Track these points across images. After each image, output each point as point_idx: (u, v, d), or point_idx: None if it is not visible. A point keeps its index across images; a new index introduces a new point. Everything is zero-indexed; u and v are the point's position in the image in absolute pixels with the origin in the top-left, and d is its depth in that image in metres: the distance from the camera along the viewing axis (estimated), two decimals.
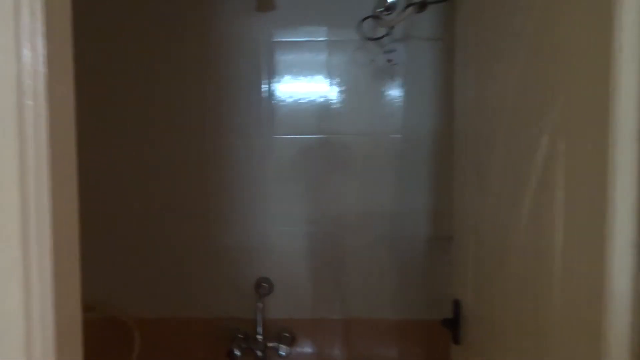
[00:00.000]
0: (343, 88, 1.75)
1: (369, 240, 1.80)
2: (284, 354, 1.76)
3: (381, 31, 1.63)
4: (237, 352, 1.74)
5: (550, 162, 0.76)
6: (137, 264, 1.84)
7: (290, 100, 1.76)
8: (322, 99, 1.75)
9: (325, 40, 1.73)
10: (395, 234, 1.79)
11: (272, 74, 1.75)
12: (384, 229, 1.79)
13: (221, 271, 1.83)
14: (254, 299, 1.79)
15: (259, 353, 1.76)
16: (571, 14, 0.72)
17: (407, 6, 1.45)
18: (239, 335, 1.82)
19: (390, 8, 1.62)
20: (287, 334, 1.83)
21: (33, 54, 0.57)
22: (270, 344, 1.79)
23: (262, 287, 1.81)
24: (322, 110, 1.76)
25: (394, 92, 1.73)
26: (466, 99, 1.24)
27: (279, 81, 1.76)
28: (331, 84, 1.75)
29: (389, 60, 1.59)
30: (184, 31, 1.75)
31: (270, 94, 1.76)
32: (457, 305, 1.13)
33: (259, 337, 1.77)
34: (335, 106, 1.75)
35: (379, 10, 1.60)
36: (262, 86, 1.75)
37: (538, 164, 0.80)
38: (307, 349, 1.85)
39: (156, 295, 1.85)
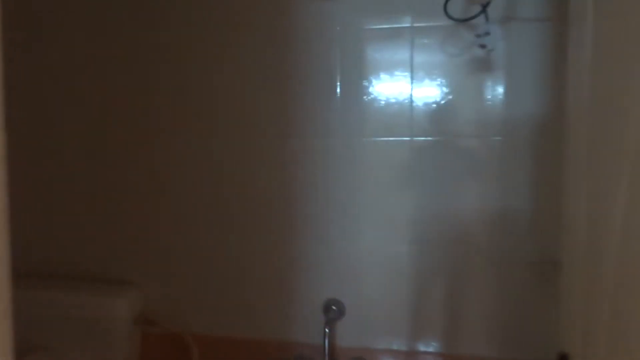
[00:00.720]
0: (432, 84, 1.49)
1: (462, 263, 1.52)
2: None
3: (473, 11, 1.36)
4: None
5: None
6: (200, 279, 1.70)
7: (371, 98, 1.52)
8: (406, 97, 1.50)
9: (409, 27, 1.49)
10: (493, 255, 1.49)
11: (349, 69, 1.53)
12: (481, 248, 1.50)
13: (288, 289, 1.64)
14: (322, 322, 1.56)
15: None
16: None
17: None
18: None
19: None
20: None
21: None
22: None
23: (332, 311, 1.59)
24: (408, 110, 1.51)
25: (492, 85, 1.44)
26: (582, 90, 0.95)
27: (358, 78, 1.53)
28: (417, 80, 1.49)
29: (483, 46, 1.31)
30: (254, 22, 1.58)
31: (347, 92, 1.54)
32: (563, 359, 0.84)
33: None
34: (423, 105, 1.50)
35: None
36: (337, 83, 1.54)
37: None
38: None
39: (217, 312, 1.70)
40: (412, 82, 1.50)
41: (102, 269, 1.75)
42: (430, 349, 1.57)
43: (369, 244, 1.57)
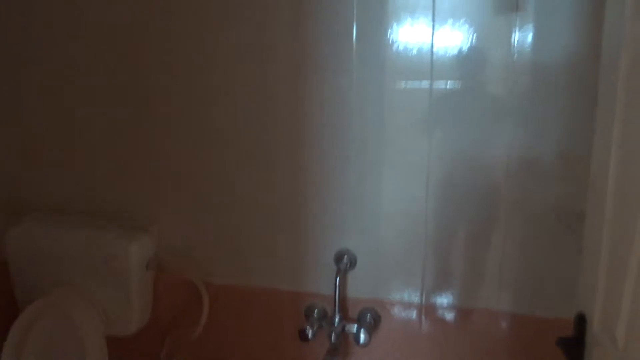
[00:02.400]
0: (455, 25, 1.37)
1: (483, 211, 1.45)
2: (363, 342, 1.49)
3: None
4: (309, 333, 1.50)
5: None
6: (213, 225, 1.67)
7: (389, 41, 1.42)
8: (427, 39, 1.39)
9: None
10: (517, 204, 1.41)
11: (366, 9, 1.42)
12: (504, 196, 1.42)
13: (302, 237, 1.60)
14: (334, 272, 1.53)
15: (333, 338, 1.51)
16: None
17: None
18: (315, 315, 1.59)
19: None
20: (369, 317, 1.56)
21: None
22: (348, 328, 1.53)
23: (343, 261, 1.55)
24: (428, 52, 1.40)
25: (520, 25, 1.32)
26: (621, 29, 0.85)
27: (376, 18, 1.42)
28: (439, 21, 1.38)
29: None
30: None
31: (364, 33, 1.44)
32: (581, 321, 0.78)
33: (336, 318, 1.52)
34: (444, 47, 1.38)
35: None
36: (354, 28, 1.44)
37: None
38: (393, 337, 1.57)
39: (229, 261, 1.68)
40: (433, 23, 1.39)
41: (118, 208, 1.74)
42: (445, 302, 1.52)
43: (386, 189, 1.50)
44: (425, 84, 1.41)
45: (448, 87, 1.41)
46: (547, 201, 1.39)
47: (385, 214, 1.52)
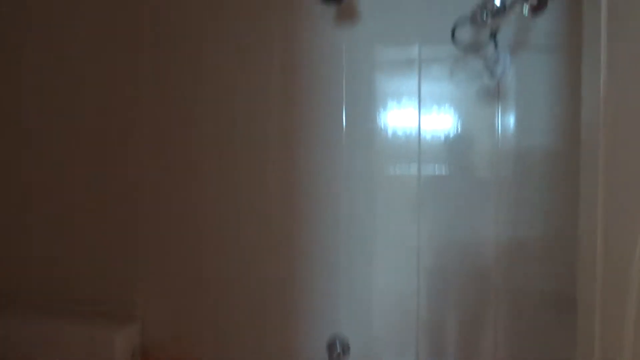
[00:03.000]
0: (440, 114, 1.44)
1: (474, 295, 1.45)
2: None
3: (481, 39, 1.32)
4: None
5: None
6: (201, 309, 1.64)
7: (377, 129, 1.48)
8: (414, 127, 1.46)
9: (417, 55, 1.45)
10: (507, 287, 1.42)
11: (355, 98, 1.49)
12: (494, 280, 1.43)
13: (293, 324, 1.57)
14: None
15: None
16: None
17: (515, 2, 1.14)
18: None
19: (494, 13, 1.32)
20: None
21: None
22: None
23: (335, 349, 1.52)
24: (415, 140, 1.46)
25: (503, 114, 1.40)
26: (597, 117, 0.91)
27: (365, 107, 1.49)
28: (426, 109, 1.45)
29: (491, 74, 1.27)
30: (264, 48, 1.55)
31: (353, 122, 1.50)
32: None
33: None
34: (431, 135, 1.45)
35: (480, 13, 1.30)
36: (344, 113, 1.50)
37: None
38: None
39: (218, 346, 1.63)
40: (419, 112, 1.45)
41: (102, 294, 1.70)
42: None
43: (377, 275, 1.51)
44: (413, 169, 1.45)
45: (436, 172, 1.45)
46: (537, 284, 1.40)
47: (377, 299, 1.51)
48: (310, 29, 1.52)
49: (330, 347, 1.52)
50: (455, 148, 1.44)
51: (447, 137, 1.44)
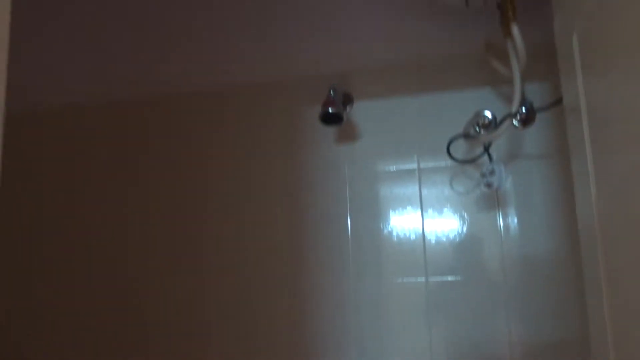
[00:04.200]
0: (443, 222, 1.48)
1: None
2: None
3: (476, 152, 1.39)
4: None
5: None
6: None
7: (382, 239, 1.52)
8: (418, 236, 1.49)
9: (416, 168, 1.52)
10: None
11: (358, 210, 1.55)
12: None
13: None
14: None
15: None
16: None
17: (505, 118, 1.22)
18: None
19: (485, 126, 1.40)
20: None
21: None
22: None
23: None
24: (420, 248, 1.49)
25: (504, 221, 1.44)
26: (592, 222, 0.94)
27: (368, 218, 1.54)
28: (428, 219, 1.49)
29: (489, 185, 1.32)
30: (271, 165, 1.63)
31: (358, 231, 1.54)
32: None
33: None
34: (435, 243, 1.48)
35: (472, 127, 1.38)
36: (347, 222, 1.55)
37: None
38: None
39: None
40: (423, 222, 1.49)
41: None
42: None
43: None
44: (421, 274, 1.47)
45: (443, 277, 1.46)
46: None
47: None
48: (312, 146, 1.61)
49: None
50: (460, 253, 1.46)
51: (451, 243, 1.47)
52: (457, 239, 1.47)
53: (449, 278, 1.46)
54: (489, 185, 1.32)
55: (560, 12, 1.07)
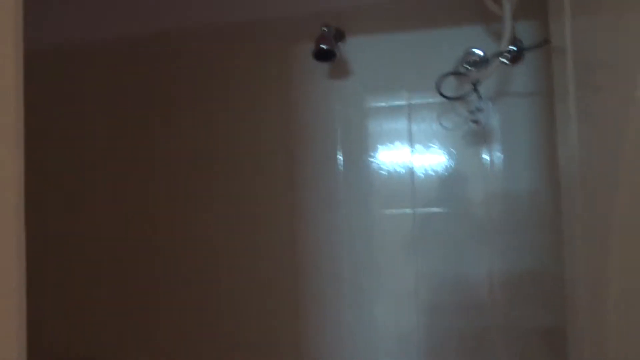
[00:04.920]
0: (431, 156, 1.54)
1: (471, 330, 1.52)
2: None
3: (465, 89, 1.43)
4: None
5: None
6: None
7: (372, 172, 1.58)
8: (407, 170, 1.55)
9: (408, 104, 1.56)
10: (502, 321, 1.49)
11: (350, 144, 1.59)
12: (490, 315, 1.50)
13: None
14: None
15: None
16: None
17: (494, 57, 1.25)
18: None
19: (475, 64, 1.43)
20: None
21: None
22: None
23: None
24: (409, 181, 1.56)
25: (490, 156, 1.50)
26: (572, 161, 1.00)
27: (358, 151, 1.59)
28: (417, 152, 1.55)
29: (475, 121, 1.37)
30: (264, 103, 1.66)
31: (349, 165, 1.59)
32: None
33: None
34: (425, 176, 1.55)
35: (462, 64, 1.41)
36: (340, 158, 1.60)
37: None
38: None
39: None
40: (412, 155, 1.55)
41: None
42: None
43: (378, 315, 1.58)
44: (409, 207, 1.55)
45: (429, 212, 1.54)
46: (530, 320, 1.47)
47: (381, 336, 1.58)
48: (304, 83, 1.63)
49: None
50: (447, 186, 1.53)
51: (438, 176, 1.54)
52: (444, 173, 1.53)
53: (435, 210, 1.54)
54: (476, 122, 1.37)
55: None
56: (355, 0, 1.58)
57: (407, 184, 1.56)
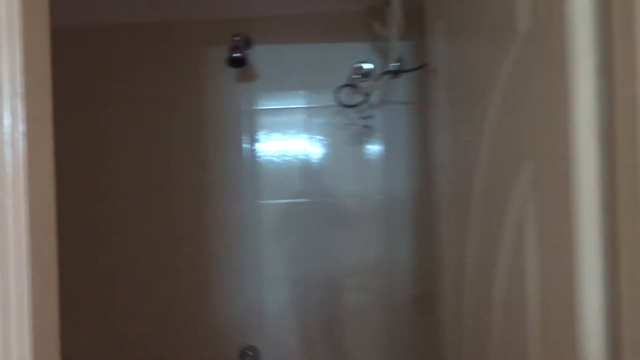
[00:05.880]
0: (323, 152, 1.78)
1: (359, 301, 1.79)
2: None
3: (358, 98, 1.68)
4: None
5: (522, 226, 0.79)
6: (118, 328, 1.80)
7: (272, 165, 1.79)
8: (303, 164, 1.78)
9: (305, 107, 1.79)
10: (384, 296, 1.78)
11: (254, 140, 1.79)
12: (373, 290, 1.79)
13: (205, 339, 1.80)
14: None
15: None
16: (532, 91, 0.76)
17: (383, 74, 1.51)
18: None
19: (366, 75, 1.69)
20: None
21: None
22: None
23: (248, 356, 1.77)
24: (304, 173, 1.79)
25: (374, 155, 1.77)
26: (442, 159, 1.28)
27: (260, 147, 1.79)
28: (311, 148, 1.78)
29: (366, 127, 1.64)
30: (174, 104, 1.79)
31: (253, 159, 1.78)
32: None
33: None
34: (316, 170, 1.78)
35: (354, 77, 1.66)
36: (244, 153, 1.78)
37: (512, 226, 0.82)
38: None
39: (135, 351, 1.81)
40: (307, 151, 1.79)
41: None
42: None
43: (271, 293, 1.81)
44: (290, 200, 1.80)
45: (314, 202, 1.80)
46: (405, 291, 1.78)
47: (274, 313, 1.81)
48: (213, 84, 1.79)
49: (243, 355, 1.78)
50: (332, 181, 1.79)
51: (326, 171, 1.79)
52: (331, 168, 1.79)
53: (319, 199, 1.80)
54: (367, 126, 1.63)
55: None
56: (262, 11, 1.77)
57: (297, 177, 1.80)
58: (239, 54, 1.60)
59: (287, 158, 1.79)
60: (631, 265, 0.57)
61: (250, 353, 1.77)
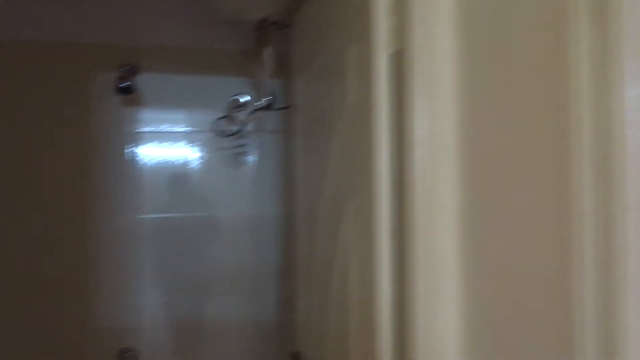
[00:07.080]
0: (202, 173, 2.01)
1: (230, 304, 2.04)
2: None
3: (233, 128, 1.94)
4: None
5: (347, 243, 1.08)
6: None
7: (153, 183, 1.97)
8: (182, 183, 1.99)
9: (186, 131, 2.00)
10: (253, 299, 2.04)
11: (136, 160, 1.96)
12: (243, 294, 2.04)
13: (85, 342, 1.92)
14: None
15: None
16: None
17: (255, 111, 1.78)
18: None
19: (241, 106, 1.94)
20: None
21: None
22: None
23: (127, 358, 1.93)
24: (183, 191, 2.00)
25: (247, 177, 2.03)
26: (299, 183, 1.57)
27: (143, 167, 1.97)
28: (191, 170, 2.00)
29: (241, 152, 1.90)
30: (62, 122, 1.91)
31: (135, 177, 1.96)
32: (295, 357, 1.40)
33: None
34: (195, 188, 2.00)
35: (232, 108, 1.91)
36: (127, 170, 1.95)
37: (341, 242, 1.12)
38: None
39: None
40: (186, 170, 2.00)
41: None
42: None
43: (150, 298, 1.99)
44: (168, 214, 2.00)
45: (191, 217, 2.02)
46: (271, 294, 2.05)
47: (159, 318, 1.99)
48: (100, 107, 1.94)
49: (121, 356, 1.93)
50: (208, 199, 2.02)
51: (203, 190, 2.02)
52: (207, 188, 2.02)
53: (193, 214, 2.02)
54: (241, 154, 1.88)
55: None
56: (152, 40, 1.96)
57: (176, 194, 2.01)
58: (126, 83, 1.78)
59: (167, 177, 1.99)
60: (410, 273, 0.87)
61: (130, 353, 1.93)
